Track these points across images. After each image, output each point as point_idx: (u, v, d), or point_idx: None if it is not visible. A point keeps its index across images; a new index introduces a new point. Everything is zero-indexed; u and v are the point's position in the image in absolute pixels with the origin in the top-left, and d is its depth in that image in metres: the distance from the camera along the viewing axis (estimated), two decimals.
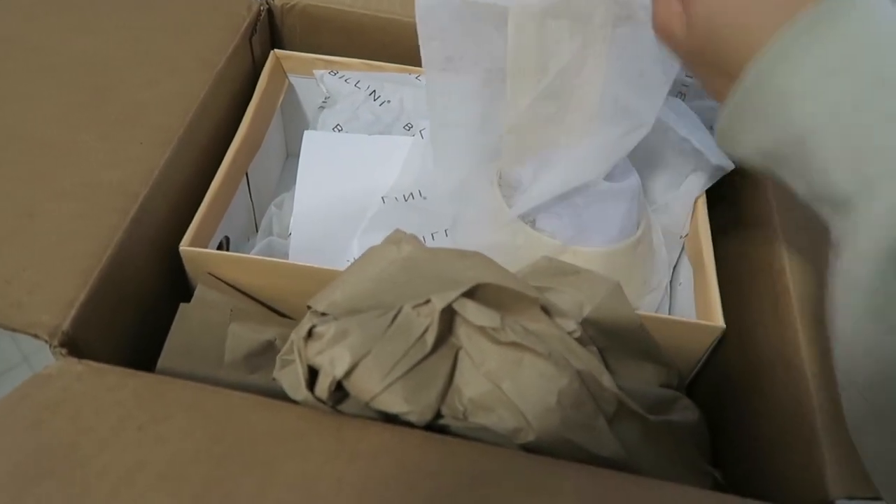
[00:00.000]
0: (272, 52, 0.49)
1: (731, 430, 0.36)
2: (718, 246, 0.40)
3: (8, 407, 0.25)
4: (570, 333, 0.31)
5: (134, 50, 0.43)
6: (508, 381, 0.29)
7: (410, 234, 0.32)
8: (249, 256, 0.38)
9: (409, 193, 0.44)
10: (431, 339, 0.28)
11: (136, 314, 0.37)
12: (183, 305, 0.37)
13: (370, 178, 0.45)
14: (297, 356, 0.28)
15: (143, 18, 0.45)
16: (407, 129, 0.50)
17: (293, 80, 0.51)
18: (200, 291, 0.37)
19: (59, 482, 0.24)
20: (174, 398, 0.27)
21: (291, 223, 0.44)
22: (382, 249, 0.32)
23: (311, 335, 0.29)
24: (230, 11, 0.47)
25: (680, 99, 0.46)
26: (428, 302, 0.28)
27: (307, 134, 0.46)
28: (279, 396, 0.29)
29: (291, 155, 0.57)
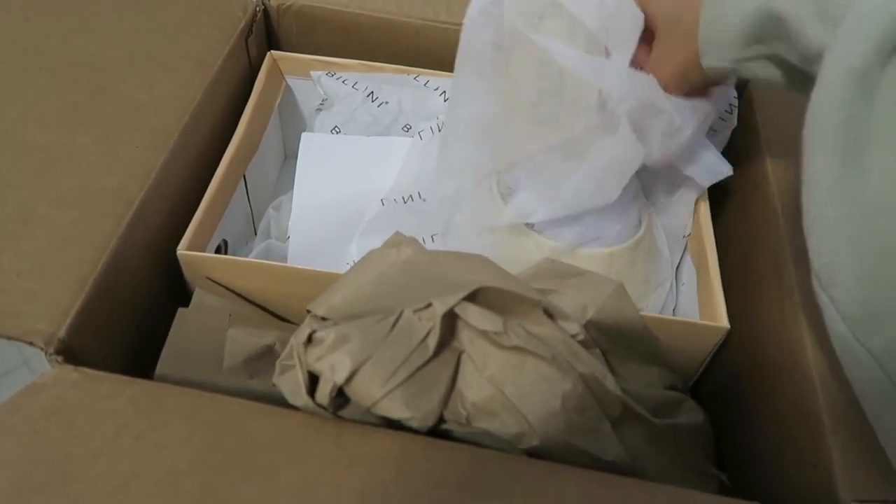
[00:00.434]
0: (269, 53, 0.48)
1: (736, 431, 0.36)
2: (721, 246, 0.39)
3: (2, 417, 0.25)
4: (573, 336, 0.30)
5: (130, 52, 0.42)
6: (511, 385, 0.28)
7: (410, 236, 0.32)
8: (247, 260, 0.38)
9: (407, 195, 0.44)
10: (433, 343, 0.28)
11: (133, 320, 0.36)
12: (181, 310, 0.36)
13: (368, 179, 0.45)
14: (297, 362, 0.28)
15: (138, 20, 0.44)
16: (405, 130, 0.49)
17: (290, 81, 0.50)
18: (198, 296, 0.37)
19: (53, 494, 0.23)
20: (171, 406, 0.27)
21: (290, 226, 0.43)
22: (382, 252, 0.32)
23: (311, 340, 0.28)
24: (226, 12, 0.46)
25: None
26: (429, 306, 0.28)
27: (305, 136, 0.45)
28: (279, 401, 0.29)
29: (289, 157, 0.57)
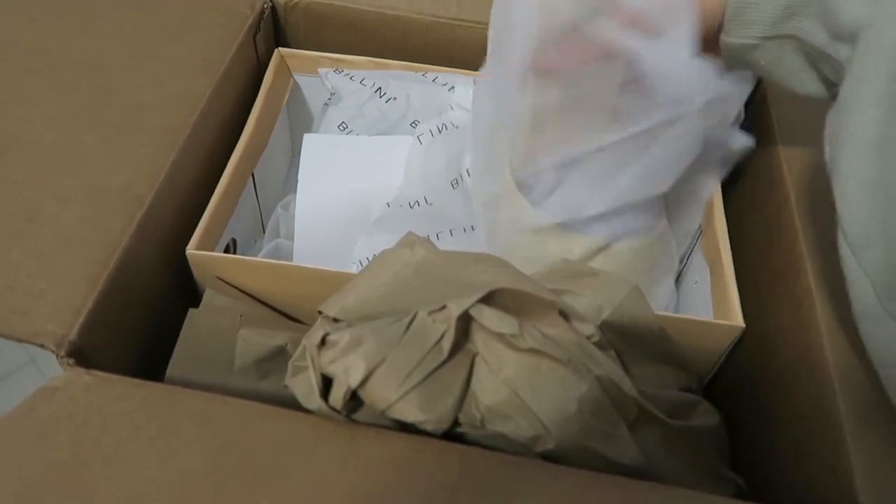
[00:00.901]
0: (276, 50, 0.48)
1: (752, 433, 0.36)
2: (735, 244, 0.39)
3: (14, 421, 0.25)
4: (588, 338, 0.30)
5: (136, 50, 0.42)
6: (526, 387, 0.28)
7: (423, 237, 0.32)
8: (257, 259, 0.38)
9: (414, 202, 0.43)
10: (448, 346, 0.27)
11: (143, 320, 0.36)
12: (191, 311, 0.36)
13: (371, 179, 0.44)
14: (310, 364, 0.28)
15: (145, 18, 0.44)
16: (413, 126, 0.49)
17: (298, 78, 0.50)
18: (209, 296, 0.37)
19: (66, 498, 0.23)
20: (183, 409, 0.26)
21: (295, 228, 0.43)
22: (395, 253, 0.31)
23: (324, 343, 0.28)
24: (233, 10, 0.46)
25: None
26: (444, 308, 0.28)
27: (307, 137, 0.45)
28: (290, 403, 0.29)
29: (298, 155, 0.56)
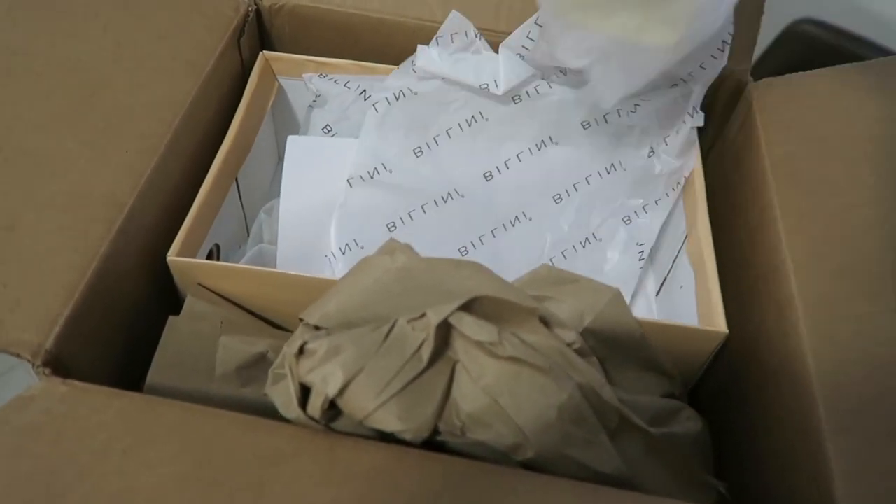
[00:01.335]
0: (261, 53, 0.48)
1: (735, 439, 0.36)
2: (720, 250, 0.39)
3: None
4: (570, 345, 0.30)
5: (119, 54, 0.41)
6: (507, 395, 0.28)
7: (405, 243, 0.31)
8: (239, 266, 0.37)
9: (372, 169, 0.43)
10: (427, 354, 0.27)
11: (123, 328, 0.36)
12: (172, 318, 0.36)
13: None
14: (288, 374, 0.28)
15: (127, 21, 0.43)
16: None
17: (283, 82, 0.50)
18: (190, 303, 0.36)
19: None
20: (161, 419, 0.26)
21: (278, 231, 0.43)
22: (376, 260, 0.31)
23: (302, 352, 0.28)
24: (217, 13, 0.46)
25: None
26: (423, 316, 0.27)
27: (290, 139, 0.44)
28: (272, 410, 0.29)
29: (283, 159, 0.56)
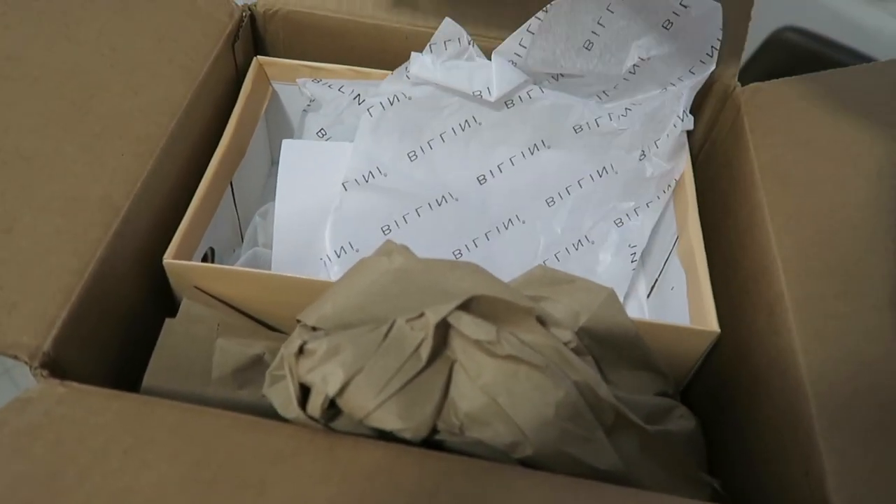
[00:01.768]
0: (255, 58, 0.48)
1: (728, 437, 0.36)
2: (711, 250, 0.40)
3: None
4: (566, 344, 0.30)
5: (113, 58, 0.42)
6: (505, 394, 0.28)
7: (402, 244, 0.32)
8: (235, 268, 0.38)
9: (367, 173, 0.44)
10: (426, 353, 0.27)
11: (120, 331, 0.36)
12: (168, 321, 0.36)
13: None
14: (288, 374, 0.28)
15: (123, 26, 0.43)
16: None
17: (277, 87, 0.50)
18: (186, 306, 0.36)
19: None
20: (160, 420, 0.26)
21: (273, 235, 0.43)
22: (373, 261, 0.31)
23: (302, 352, 0.28)
24: (212, 18, 0.46)
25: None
26: (422, 315, 0.28)
27: (286, 143, 0.45)
28: (268, 412, 0.29)
29: (276, 163, 0.56)
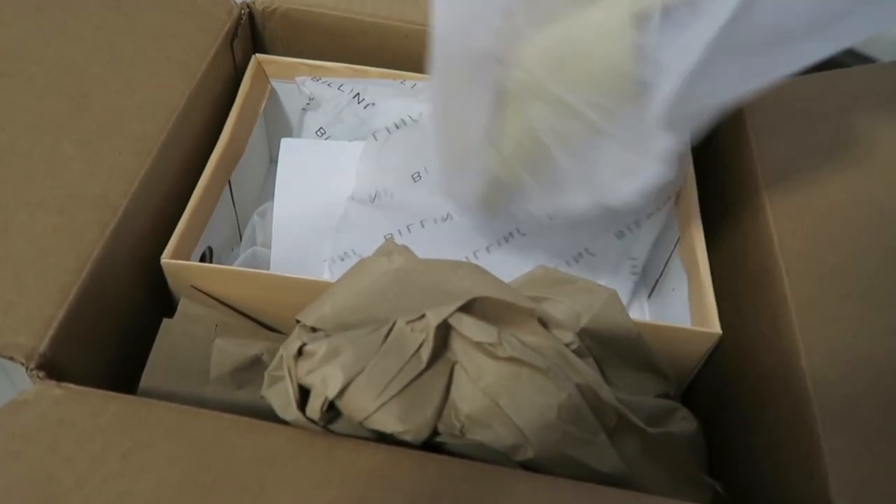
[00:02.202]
0: (254, 56, 0.47)
1: (730, 439, 0.36)
2: (713, 252, 0.39)
3: None
4: (567, 345, 0.30)
5: (111, 56, 0.41)
6: (506, 396, 0.28)
7: (402, 245, 0.31)
8: (233, 268, 0.37)
9: (373, 193, 0.43)
10: (426, 355, 0.27)
11: (117, 331, 0.35)
12: (166, 321, 0.35)
13: (350, 184, 0.44)
14: (287, 375, 0.27)
15: (120, 23, 0.43)
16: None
17: (276, 85, 0.50)
18: (184, 305, 0.36)
19: None
20: (157, 422, 0.26)
21: (272, 234, 0.42)
22: (373, 261, 0.31)
23: (301, 353, 0.28)
24: (210, 15, 0.45)
25: None
26: (422, 317, 0.27)
27: (284, 142, 0.44)
28: (267, 413, 0.28)
29: (275, 162, 0.55)
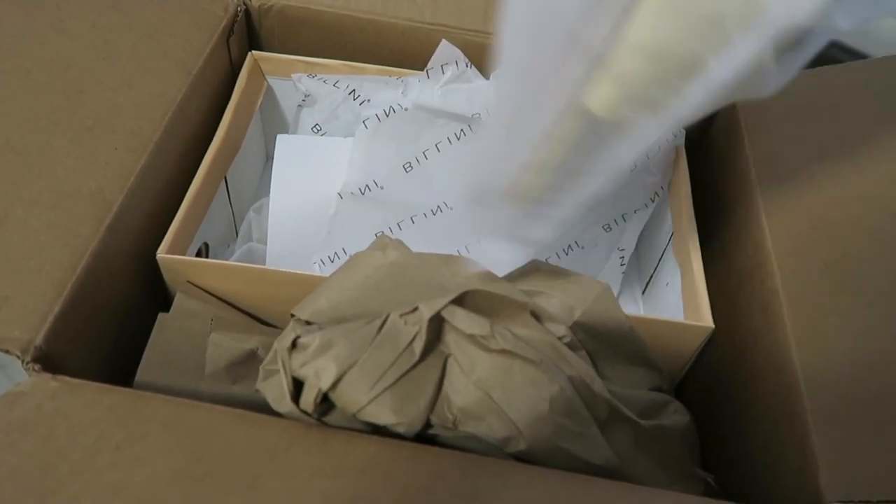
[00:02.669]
0: (250, 53, 0.48)
1: (722, 432, 0.36)
2: (706, 247, 0.40)
3: None
4: (560, 339, 0.30)
5: (107, 52, 0.41)
6: (499, 389, 0.28)
7: (396, 239, 0.32)
8: (229, 263, 0.37)
9: (364, 186, 0.44)
10: (419, 347, 0.27)
11: (112, 326, 0.36)
12: (161, 315, 0.35)
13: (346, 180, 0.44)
14: (281, 368, 0.28)
15: (116, 19, 0.43)
16: None
17: (272, 82, 0.50)
18: (179, 300, 0.36)
19: None
20: (152, 415, 0.26)
21: (268, 230, 0.43)
22: (367, 255, 0.31)
23: (295, 346, 0.28)
24: (206, 12, 0.46)
25: None
26: (415, 310, 0.28)
27: (280, 138, 0.45)
28: (262, 407, 0.29)
29: (271, 158, 0.56)
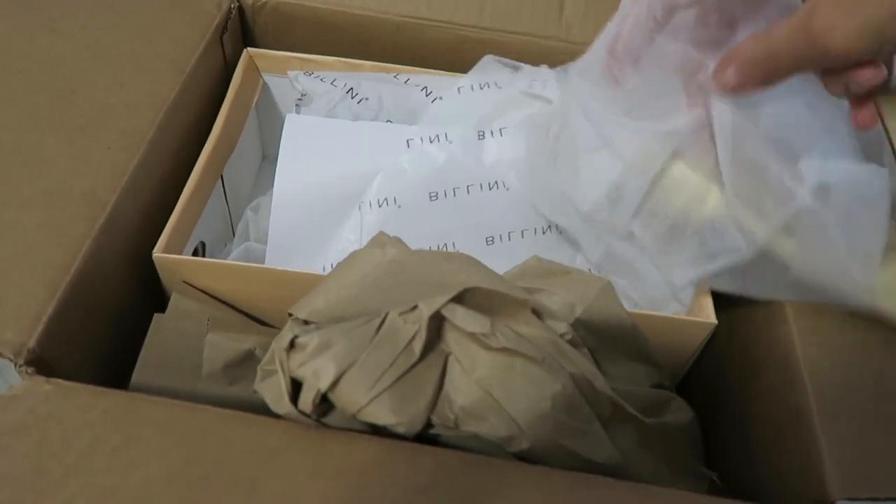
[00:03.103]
0: (245, 50, 0.47)
1: (725, 429, 0.36)
2: None
3: None
4: (561, 336, 0.30)
5: (100, 51, 0.41)
6: (500, 387, 0.28)
7: (395, 236, 0.31)
8: (226, 262, 0.37)
9: (382, 200, 0.41)
10: (419, 346, 0.27)
11: (107, 327, 0.35)
12: (157, 316, 0.35)
13: (354, 165, 0.42)
14: (279, 368, 0.27)
15: (109, 18, 0.43)
16: None
17: (268, 79, 0.49)
18: (175, 300, 0.36)
19: None
20: (148, 417, 0.26)
21: (271, 212, 0.41)
22: (366, 253, 0.31)
23: (293, 346, 0.27)
24: (200, 10, 0.45)
25: None
26: (415, 308, 0.27)
27: (289, 117, 0.42)
28: (260, 408, 0.28)
29: (267, 157, 0.55)
